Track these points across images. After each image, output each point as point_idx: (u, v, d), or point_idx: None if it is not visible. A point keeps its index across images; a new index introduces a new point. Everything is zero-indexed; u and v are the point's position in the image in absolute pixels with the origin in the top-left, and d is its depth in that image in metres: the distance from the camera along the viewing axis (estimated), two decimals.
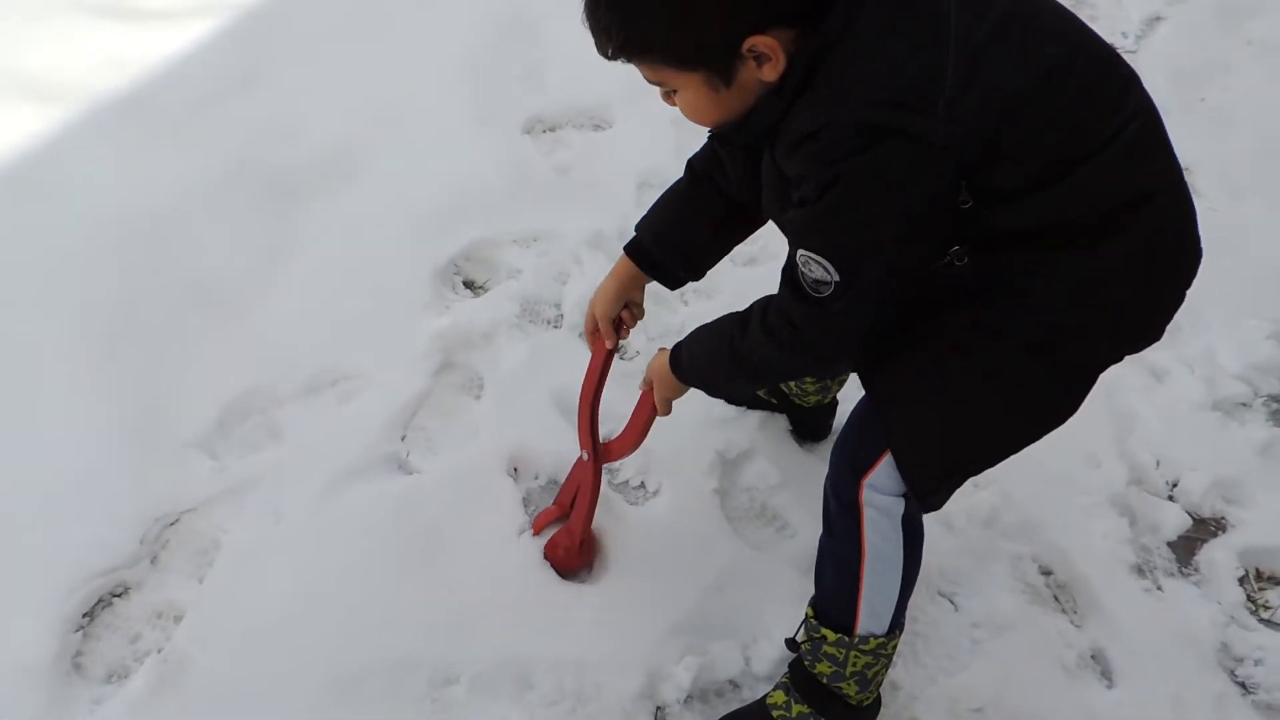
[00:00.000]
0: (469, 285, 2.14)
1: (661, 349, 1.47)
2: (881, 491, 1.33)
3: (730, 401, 1.92)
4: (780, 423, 1.92)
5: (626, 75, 2.83)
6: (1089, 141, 1.08)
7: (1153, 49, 3.33)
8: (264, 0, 2.73)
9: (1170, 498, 1.93)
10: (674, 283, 1.55)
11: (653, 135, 2.60)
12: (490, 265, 2.18)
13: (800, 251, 1.10)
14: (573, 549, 1.63)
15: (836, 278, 1.08)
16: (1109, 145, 1.08)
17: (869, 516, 1.34)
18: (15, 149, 2.10)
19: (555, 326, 2.07)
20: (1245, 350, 2.22)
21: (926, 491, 1.29)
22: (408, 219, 2.16)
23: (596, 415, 1.59)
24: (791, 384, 1.81)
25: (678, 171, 2.49)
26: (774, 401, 1.89)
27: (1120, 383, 2.12)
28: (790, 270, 1.14)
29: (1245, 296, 2.37)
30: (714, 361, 1.33)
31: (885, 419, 1.27)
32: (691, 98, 1.14)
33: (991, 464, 1.34)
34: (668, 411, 1.50)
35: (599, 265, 2.17)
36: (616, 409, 1.66)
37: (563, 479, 1.76)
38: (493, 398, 1.89)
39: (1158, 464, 1.98)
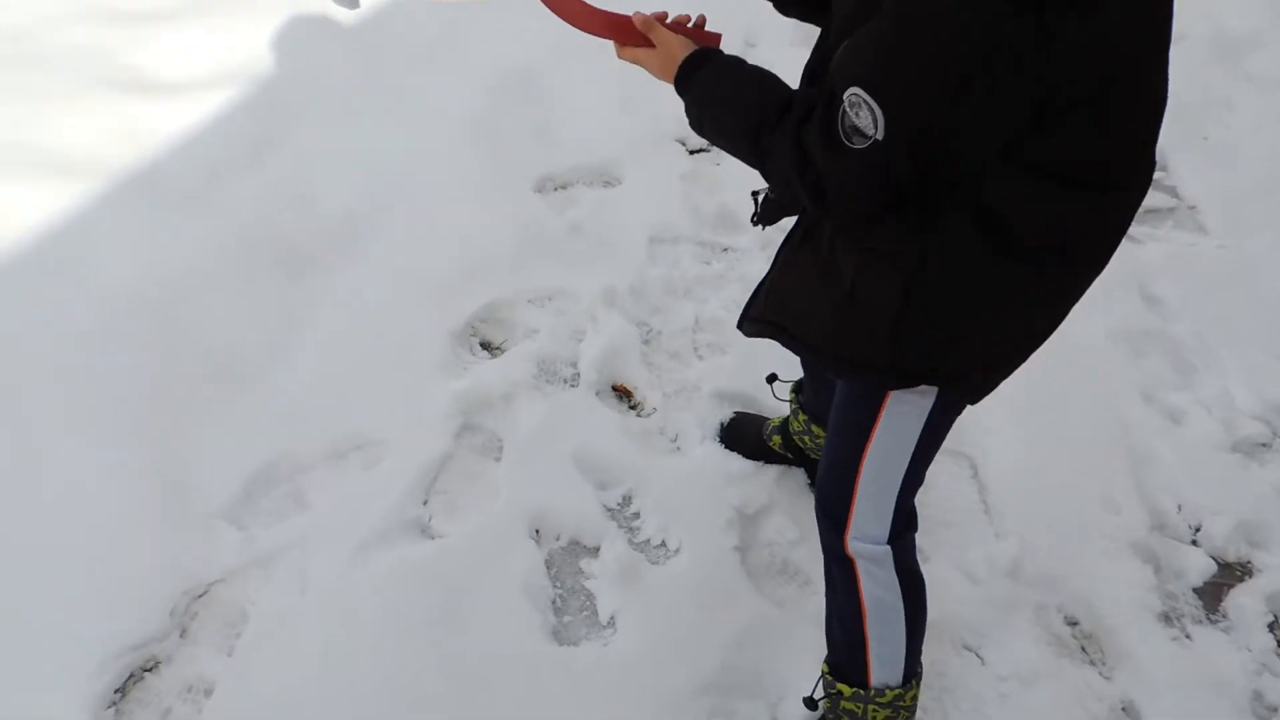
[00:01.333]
0: (486, 346, 2.17)
1: (685, 42, 1.22)
2: (867, 541, 1.35)
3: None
4: (797, 477, 1.93)
5: (636, 132, 2.89)
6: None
7: None
8: (278, 69, 2.79)
9: (1194, 542, 1.93)
10: None
11: (662, 191, 2.65)
12: (506, 326, 2.21)
13: (852, 91, 0.97)
14: None
15: (879, 132, 0.97)
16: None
17: (863, 568, 1.37)
18: (38, 226, 2.14)
19: (572, 385, 2.09)
20: (1262, 389, 2.22)
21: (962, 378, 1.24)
22: (423, 282, 2.19)
23: None
24: (806, 438, 1.82)
25: (687, 226, 2.55)
26: (790, 456, 1.91)
27: (1137, 425, 2.13)
28: (826, 113, 1.02)
29: (1258, 334, 2.38)
30: (731, 122, 1.15)
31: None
32: None
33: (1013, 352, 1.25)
34: (625, 59, 1.28)
35: (614, 323, 2.20)
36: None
37: (584, 539, 1.79)
38: (512, 459, 1.91)
39: (1179, 508, 1.98)
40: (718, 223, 2.58)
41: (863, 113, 0.97)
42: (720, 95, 1.15)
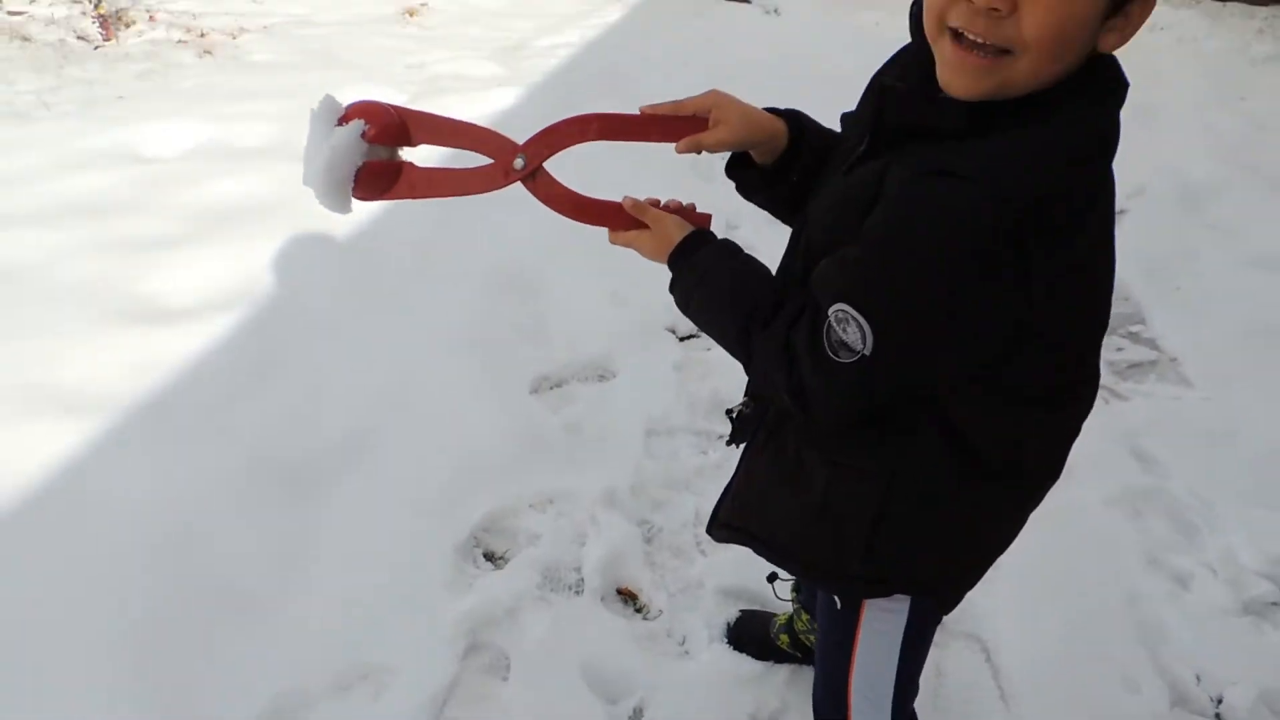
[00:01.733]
0: (490, 557, 2.18)
1: (680, 222, 1.19)
2: None
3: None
4: (808, 676, 1.88)
5: (627, 323, 2.97)
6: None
7: (1120, 242, 3.46)
8: (279, 289, 2.90)
9: (1217, 716, 1.90)
10: (789, 157, 1.24)
11: (656, 382, 2.72)
12: (509, 534, 2.23)
13: (840, 307, 0.97)
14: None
15: (866, 349, 0.96)
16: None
17: None
18: (51, 464, 2.18)
19: (577, 592, 2.10)
20: (1265, 545, 2.23)
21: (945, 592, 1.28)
22: (426, 496, 2.23)
23: (569, 136, 1.20)
24: (812, 637, 1.81)
25: (682, 416, 2.60)
26: (799, 655, 1.89)
27: (1144, 593, 2.12)
28: (813, 323, 1.01)
29: (1254, 487, 2.40)
30: (722, 311, 1.12)
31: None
32: (1084, 8, 0.91)
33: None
34: (618, 243, 1.24)
35: (615, 524, 2.22)
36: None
37: None
38: (520, 677, 1.89)
39: (1198, 679, 1.95)
40: (711, 410, 2.64)
41: (850, 329, 0.97)
42: (714, 282, 1.13)
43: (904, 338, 0.97)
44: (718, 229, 1.22)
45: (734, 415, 1.41)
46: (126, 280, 2.89)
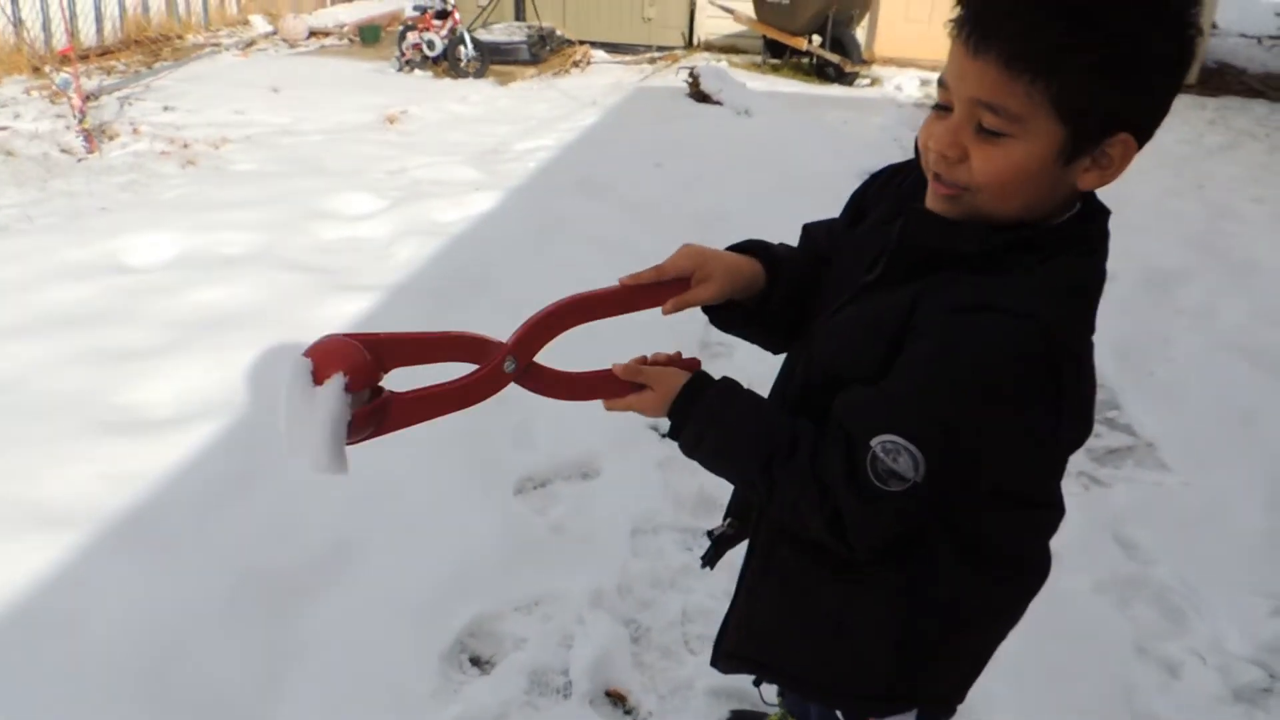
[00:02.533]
0: (475, 662, 2.15)
1: (677, 371, 1.18)
2: None
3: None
4: None
5: (611, 423, 2.99)
6: None
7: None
8: (259, 397, 2.91)
9: None
10: (768, 291, 1.25)
11: (641, 479, 2.72)
12: (495, 638, 2.19)
13: (886, 439, 0.98)
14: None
15: (918, 475, 0.97)
16: None
17: None
18: (29, 581, 2.15)
19: (565, 696, 2.06)
20: (1252, 630, 2.23)
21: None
22: (410, 603, 2.20)
23: (554, 328, 1.17)
24: None
25: (668, 514, 2.60)
26: None
27: (1136, 684, 2.11)
28: (850, 456, 1.01)
29: (1239, 572, 2.41)
30: (737, 450, 1.12)
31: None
32: (1024, 156, 0.97)
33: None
34: (616, 410, 1.21)
35: (602, 625, 2.19)
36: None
37: None
38: None
39: None
40: (697, 507, 2.64)
41: (903, 459, 0.97)
42: (726, 422, 1.12)
43: (957, 464, 0.99)
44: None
45: (715, 535, 1.41)
46: (107, 390, 2.89)
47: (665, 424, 1.18)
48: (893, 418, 0.99)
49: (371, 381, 1.04)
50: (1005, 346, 0.96)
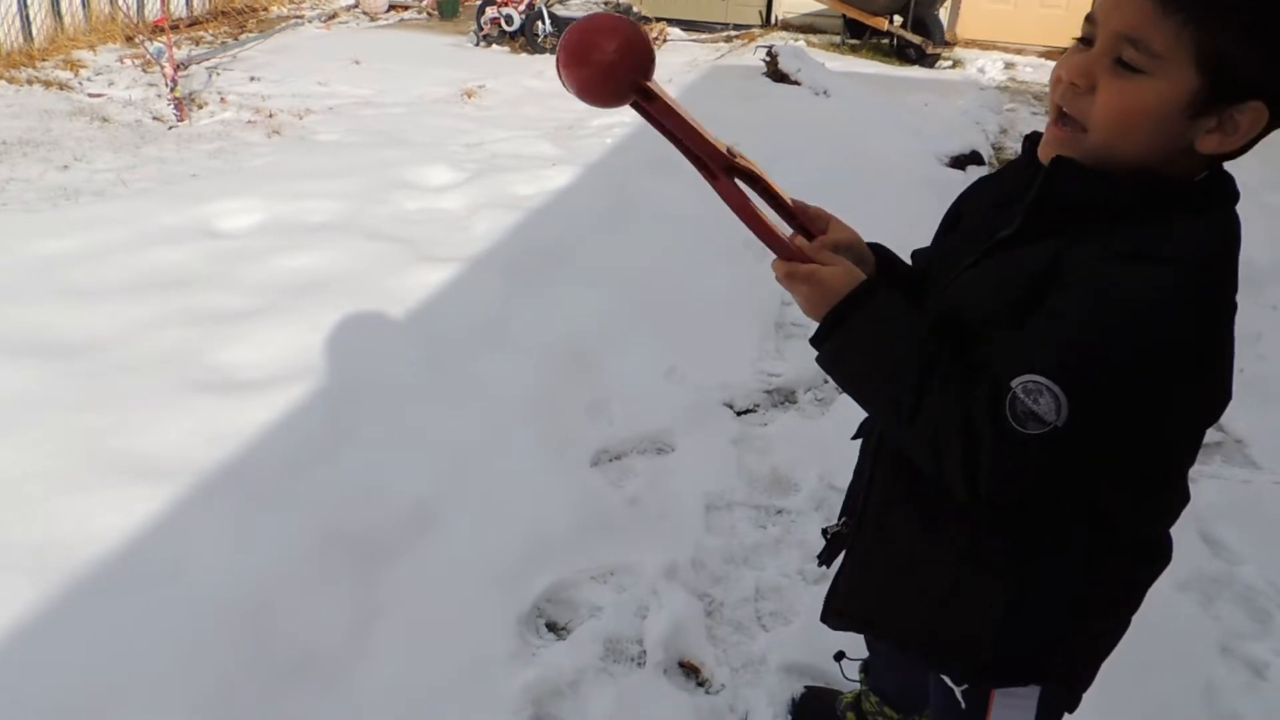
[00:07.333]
0: (552, 628, 2.19)
1: (850, 269, 1.11)
2: None
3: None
4: None
5: (683, 398, 3.00)
6: None
7: None
8: (347, 360, 2.98)
9: None
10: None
11: (714, 456, 2.74)
12: (571, 605, 2.24)
13: (1028, 378, 0.95)
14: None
15: (1060, 419, 0.94)
16: None
17: None
18: (129, 531, 2.24)
19: (639, 665, 2.10)
20: None
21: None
22: (489, 568, 2.25)
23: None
24: (880, 719, 1.78)
25: (741, 491, 2.62)
26: None
27: (1219, 684, 2.07)
28: (993, 395, 0.97)
29: None
30: (885, 371, 1.06)
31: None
32: (1155, 97, 0.96)
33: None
34: (784, 273, 1.14)
35: (677, 597, 2.22)
36: None
37: None
38: None
39: None
40: (770, 486, 2.65)
41: (1044, 399, 0.94)
42: (891, 333, 1.07)
43: (1100, 409, 0.96)
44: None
45: (829, 534, 1.42)
46: (202, 351, 2.99)
47: (740, 402, 1.19)
48: (1034, 357, 0.96)
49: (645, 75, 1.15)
50: (1162, 295, 0.95)
